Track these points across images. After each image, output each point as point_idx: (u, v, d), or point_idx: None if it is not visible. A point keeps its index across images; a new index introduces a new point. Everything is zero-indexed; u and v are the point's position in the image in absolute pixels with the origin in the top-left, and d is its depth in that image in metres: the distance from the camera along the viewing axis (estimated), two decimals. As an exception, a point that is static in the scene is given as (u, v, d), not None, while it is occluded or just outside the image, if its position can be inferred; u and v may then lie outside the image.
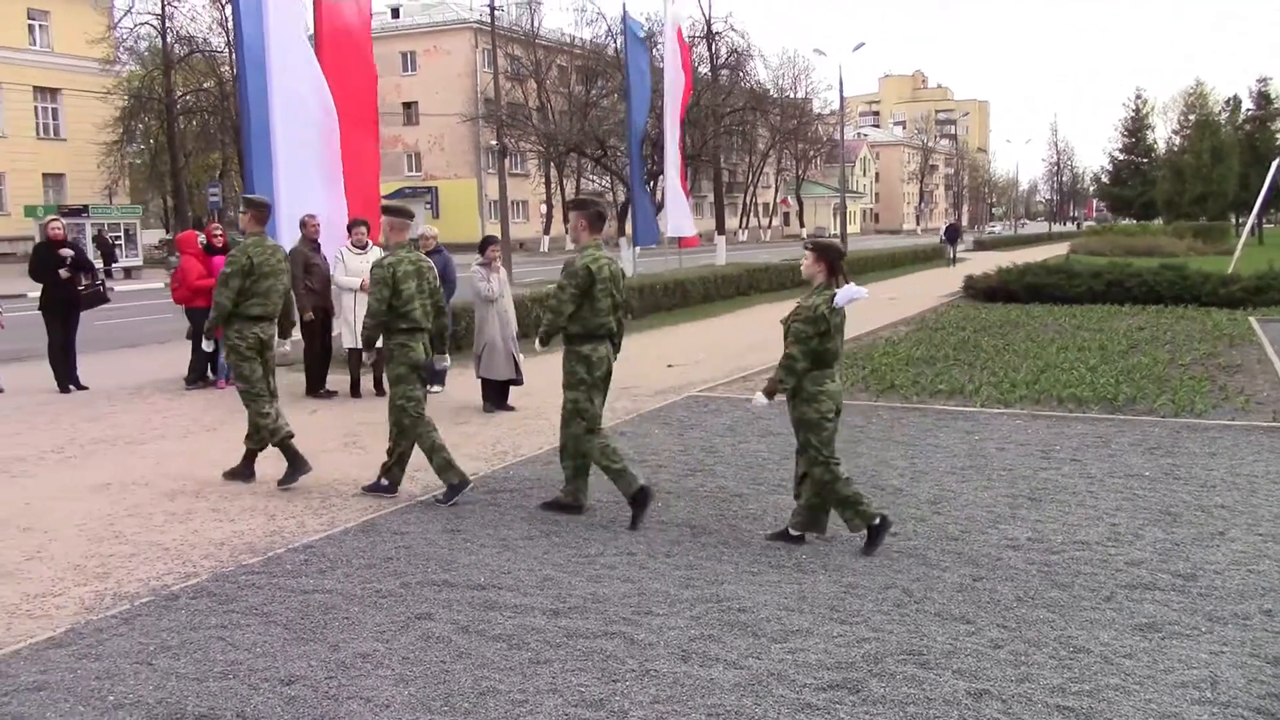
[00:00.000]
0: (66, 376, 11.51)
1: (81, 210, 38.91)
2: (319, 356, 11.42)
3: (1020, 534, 6.13)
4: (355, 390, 11.26)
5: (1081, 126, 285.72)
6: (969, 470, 7.69)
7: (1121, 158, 77.95)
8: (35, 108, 46.01)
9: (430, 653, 4.46)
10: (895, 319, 18.31)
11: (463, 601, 5.06)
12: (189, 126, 46.34)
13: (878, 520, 5.79)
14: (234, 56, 18.41)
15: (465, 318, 13.68)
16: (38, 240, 13.72)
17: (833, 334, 5.73)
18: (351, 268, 11.04)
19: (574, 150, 43.44)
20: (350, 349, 11.20)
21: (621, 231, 37.35)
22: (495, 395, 10.42)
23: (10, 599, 5.23)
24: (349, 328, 11.06)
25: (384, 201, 9.31)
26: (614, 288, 6.56)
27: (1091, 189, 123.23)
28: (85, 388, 11.59)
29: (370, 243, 11.31)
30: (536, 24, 61.71)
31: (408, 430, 6.98)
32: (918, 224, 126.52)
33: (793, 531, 5.99)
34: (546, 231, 61.60)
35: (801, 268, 5.96)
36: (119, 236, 38.26)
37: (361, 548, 5.94)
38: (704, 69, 47.88)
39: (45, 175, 46.21)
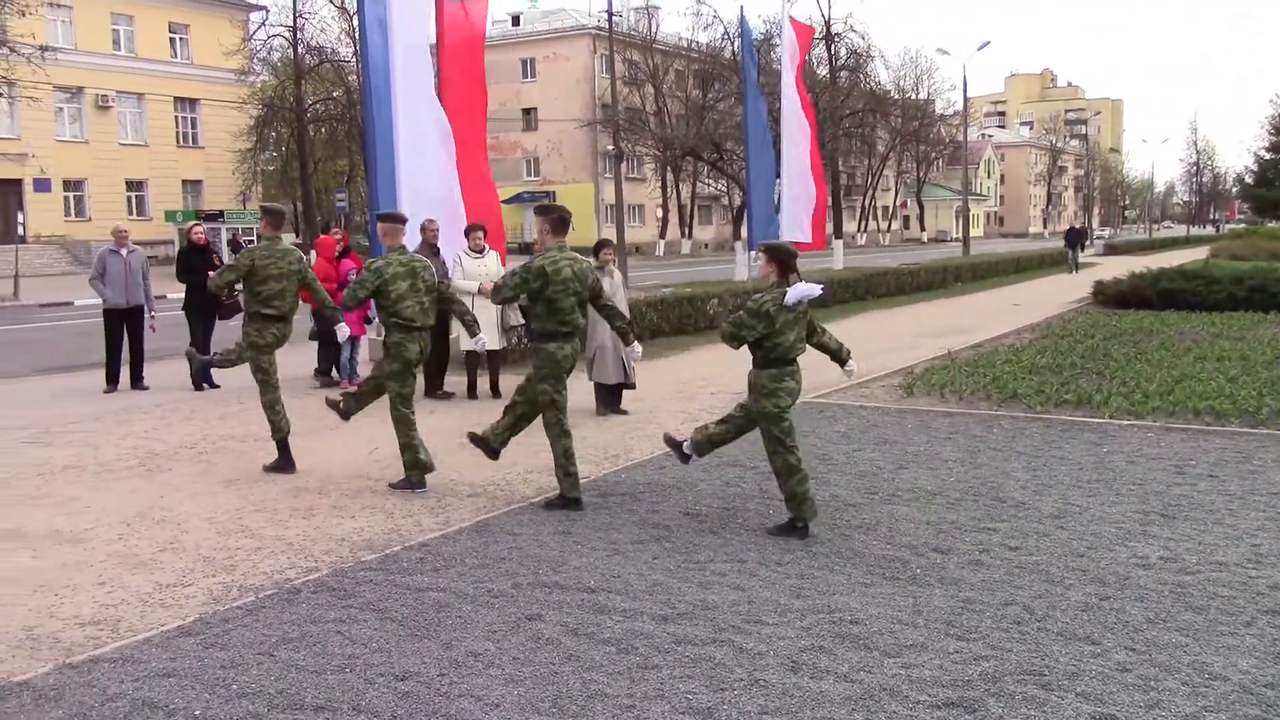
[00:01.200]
0: (202, 375, 12.03)
1: (217, 215, 40.78)
2: (437, 358, 11.68)
3: (1151, 552, 5.87)
4: (472, 392, 11.48)
5: (1224, 125, 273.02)
6: (1096, 484, 7.40)
7: (1268, 157, 74.08)
8: (176, 117, 48.42)
9: (540, 654, 4.50)
10: (1019, 325, 17.79)
11: (572, 604, 5.10)
12: (318, 134, 47.99)
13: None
14: (360, 66, 18.97)
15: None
16: (180, 245, 14.38)
17: (784, 330, 6.05)
18: (469, 271, 11.24)
19: (690, 154, 43.45)
20: (468, 351, 11.41)
21: (737, 235, 37.21)
22: (607, 399, 10.48)
23: (144, 588, 5.49)
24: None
25: (382, 210, 9.66)
26: (577, 286, 6.77)
27: (1234, 190, 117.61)
28: (218, 386, 12.09)
29: (487, 246, 11.52)
30: (654, 29, 62.04)
31: (403, 427, 7.37)
32: (1045, 227, 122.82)
33: (797, 523, 6.25)
34: (662, 235, 61.84)
35: (758, 269, 6.39)
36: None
37: (475, 547, 6.04)
38: (823, 71, 47.40)
39: (184, 181, 48.60)
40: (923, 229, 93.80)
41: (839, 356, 6.66)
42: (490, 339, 11.26)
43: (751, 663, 4.40)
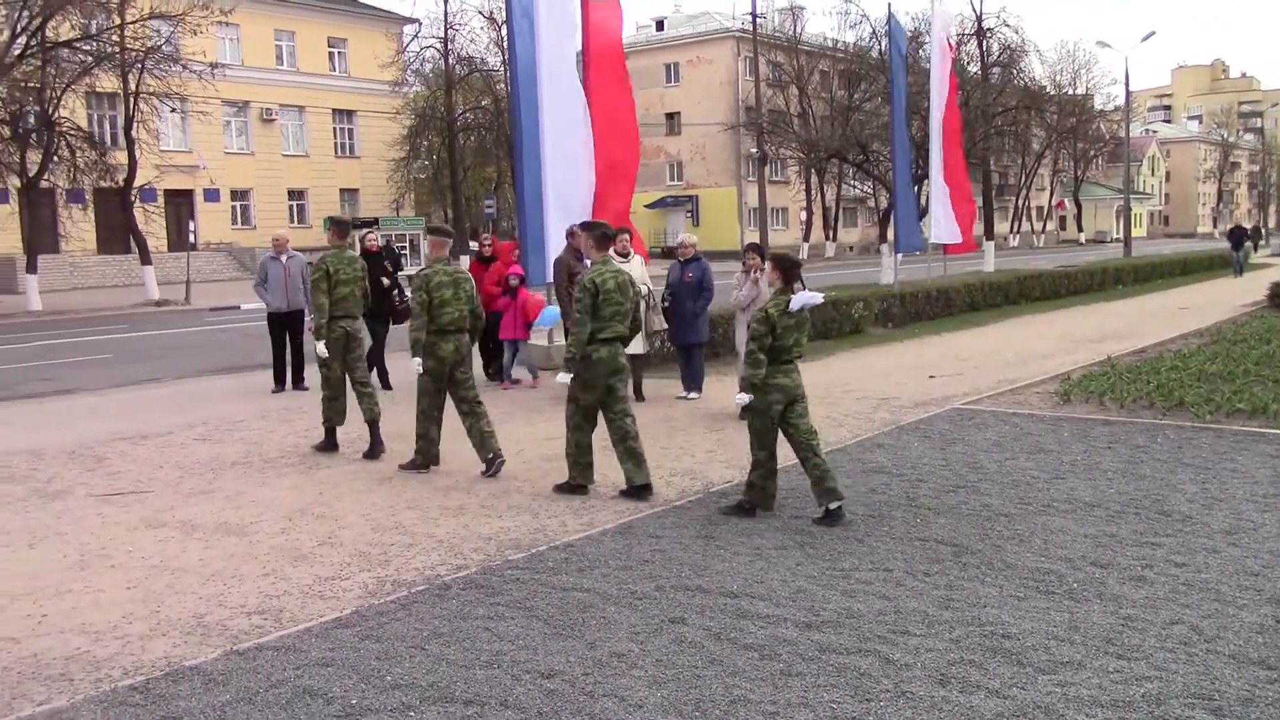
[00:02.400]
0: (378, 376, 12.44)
1: (372, 222, 42.30)
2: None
3: (1334, 573, 5.51)
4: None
5: None
6: (1274, 499, 6.98)
7: None
8: (334, 128, 50.60)
9: (682, 657, 4.53)
10: (1186, 330, 16.91)
11: (715, 608, 5.11)
12: (467, 142, 49.35)
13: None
14: (508, 75, 19.44)
15: (722, 325, 13.83)
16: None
17: (785, 334, 6.61)
18: (615, 275, 11.37)
19: (835, 156, 42.91)
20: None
21: (883, 238, 36.57)
22: None
23: (305, 580, 5.75)
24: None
25: (430, 222, 10.29)
26: (619, 296, 7.34)
27: None
28: (390, 387, 12.44)
29: (632, 251, 11.59)
30: (799, 30, 61.49)
31: (424, 418, 8.22)
32: (1215, 226, 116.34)
33: (745, 504, 6.77)
34: (806, 239, 61.19)
35: (767, 278, 6.93)
36: (404, 247, 41.44)
37: (618, 549, 6.11)
38: (974, 68, 46.11)
39: (342, 190, 50.73)
40: (1080, 230, 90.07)
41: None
42: (634, 344, 11.36)
43: (898, 674, 4.32)
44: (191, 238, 35.40)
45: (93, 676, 4.51)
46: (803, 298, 6.57)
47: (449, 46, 45.05)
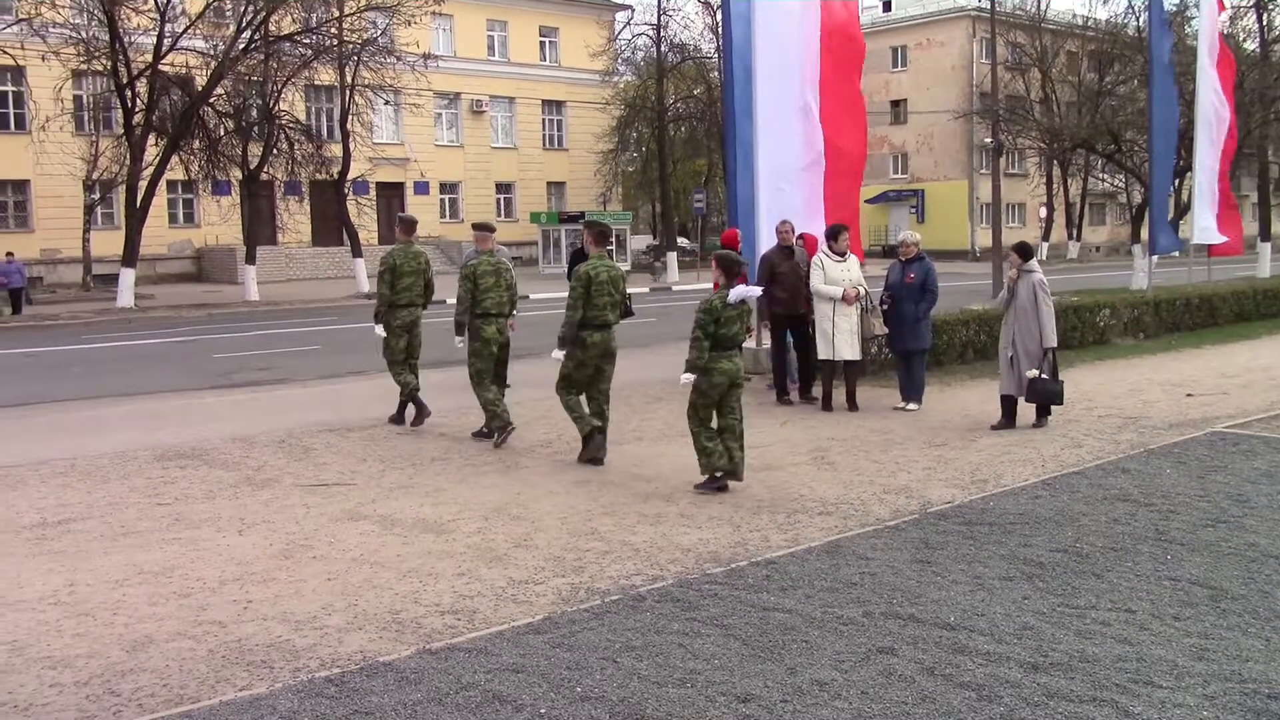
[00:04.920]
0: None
1: (578, 217, 43.36)
2: (782, 363, 11.87)
3: None
4: (826, 403, 11.42)
5: None
6: None
7: None
8: (542, 120, 52.22)
9: (891, 691, 4.41)
10: None
11: (929, 640, 4.95)
12: (678, 133, 49.85)
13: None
14: (722, 62, 19.50)
15: (947, 331, 13.43)
16: (574, 247, 15.38)
17: (728, 324, 7.80)
18: (831, 275, 11.20)
19: (1082, 145, 40.90)
20: (823, 360, 11.38)
21: (1135, 238, 34.59)
22: (1010, 414, 10.28)
23: (499, 582, 5.95)
24: (825, 339, 11.25)
25: (475, 219, 11.45)
26: (611, 288, 8.96)
27: None
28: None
29: (848, 251, 11.41)
30: (1043, 7, 58.98)
31: (479, 387, 9.82)
32: None
33: (715, 476, 7.93)
34: (1045, 238, 58.59)
35: (713, 274, 8.29)
36: (610, 243, 42.25)
37: (824, 569, 6.02)
38: (1251, 45, 42.97)
39: (548, 183, 52.32)
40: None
41: None
42: (850, 349, 11.19)
43: (1139, 729, 4.06)
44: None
45: (291, 665, 4.81)
46: (740, 291, 7.87)
47: (662, 33, 45.63)
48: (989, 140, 38.41)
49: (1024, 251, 10.42)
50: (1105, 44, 47.27)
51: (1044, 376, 10.00)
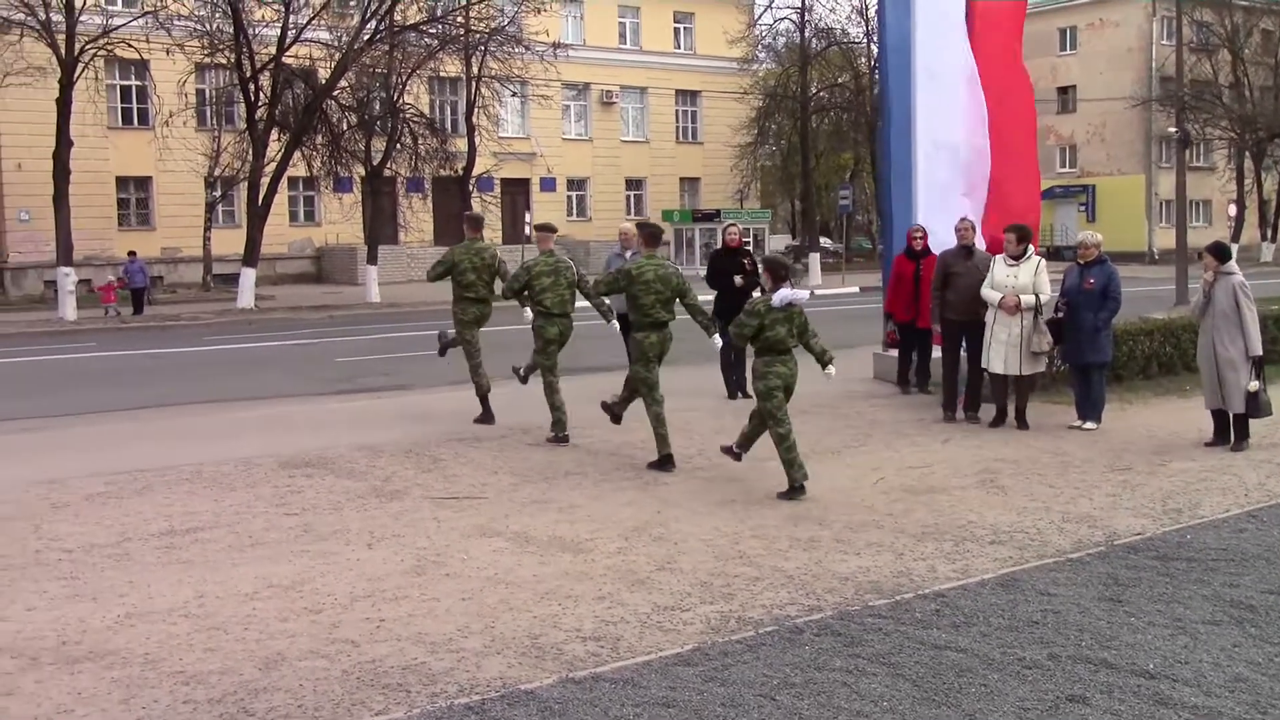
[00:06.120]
0: (736, 384, 12.65)
1: (713, 215, 43.38)
2: (953, 374, 11.55)
3: None
4: (999, 419, 11.06)
5: None
6: None
7: None
8: (676, 111, 52.27)
9: (1085, 745, 4.24)
10: None
11: (1126, 689, 4.75)
12: (821, 125, 49.33)
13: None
14: (873, 48, 19.27)
15: (1128, 342, 12.94)
16: (715, 246, 15.31)
17: (773, 326, 8.33)
18: (997, 280, 10.84)
19: (1279, 135, 39.21)
20: (993, 374, 11.05)
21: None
22: (1223, 430, 10.03)
23: (642, 608, 5.93)
24: (985, 348, 10.95)
25: (536, 221, 12.00)
26: (659, 286, 9.33)
27: None
28: (750, 395, 12.59)
29: (1031, 250, 10.93)
30: (1235, -19, 56.70)
31: (543, 371, 10.54)
32: None
33: (794, 485, 8.35)
34: (1235, 238, 56.18)
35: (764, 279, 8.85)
36: (749, 242, 42.06)
37: (1000, 605, 5.85)
38: None
39: (681, 179, 52.31)
40: None
41: (821, 359, 8.72)
42: (1001, 362, 10.83)
43: (1380, 801, 3.81)
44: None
45: (429, 690, 4.87)
46: (784, 294, 8.34)
47: (806, 17, 45.29)
48: (1172, 130, 37.03)
49: (1220, 252, 10.09)
50: (1307, 21, 45.19)
51: (1265, 389, 9.69)
